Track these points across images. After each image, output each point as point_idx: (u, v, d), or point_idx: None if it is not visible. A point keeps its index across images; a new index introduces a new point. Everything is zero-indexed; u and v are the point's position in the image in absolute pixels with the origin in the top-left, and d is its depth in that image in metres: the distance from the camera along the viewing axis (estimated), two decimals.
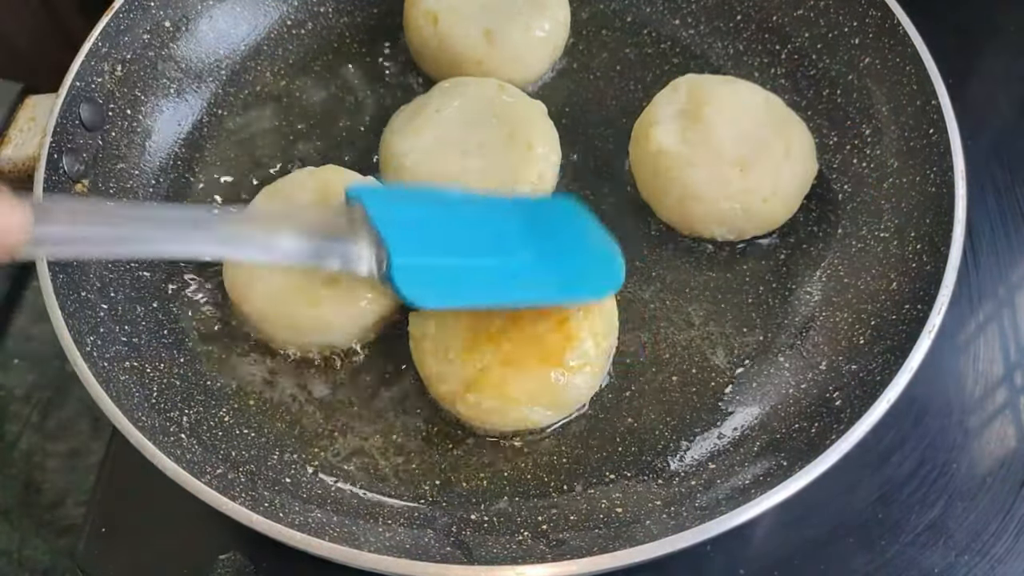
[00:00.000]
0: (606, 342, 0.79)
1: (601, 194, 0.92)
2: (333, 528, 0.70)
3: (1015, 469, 0.83)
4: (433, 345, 0.77)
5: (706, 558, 0.78)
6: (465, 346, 0.76)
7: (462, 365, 0.75)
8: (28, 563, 0.89)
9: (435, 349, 0.77)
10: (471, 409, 0.76)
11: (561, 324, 0.76)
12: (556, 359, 0.75)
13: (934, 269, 0.76)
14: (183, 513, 0.78)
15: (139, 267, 0.86)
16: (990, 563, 0.78)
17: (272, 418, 0.81)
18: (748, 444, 0.78)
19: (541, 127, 0.90)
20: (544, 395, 0.75)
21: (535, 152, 0.88)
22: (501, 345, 0.75)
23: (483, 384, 0.75)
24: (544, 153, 0.89)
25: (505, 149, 0.87)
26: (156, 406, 0.75)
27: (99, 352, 0.75)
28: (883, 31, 0.89)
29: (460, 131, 0.88)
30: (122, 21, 0.90)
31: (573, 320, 0.76)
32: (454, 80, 0.93)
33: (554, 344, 0.75)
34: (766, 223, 0.88)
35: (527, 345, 0.75)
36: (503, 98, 0.91)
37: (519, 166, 0.87)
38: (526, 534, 0.73)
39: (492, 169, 0.86)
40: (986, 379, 0.88)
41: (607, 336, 0.79)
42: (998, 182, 0.99)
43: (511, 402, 0.75)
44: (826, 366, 0.80)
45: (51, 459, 0.94)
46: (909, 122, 0.86)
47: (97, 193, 0.85)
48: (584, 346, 0.76)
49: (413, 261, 0.72)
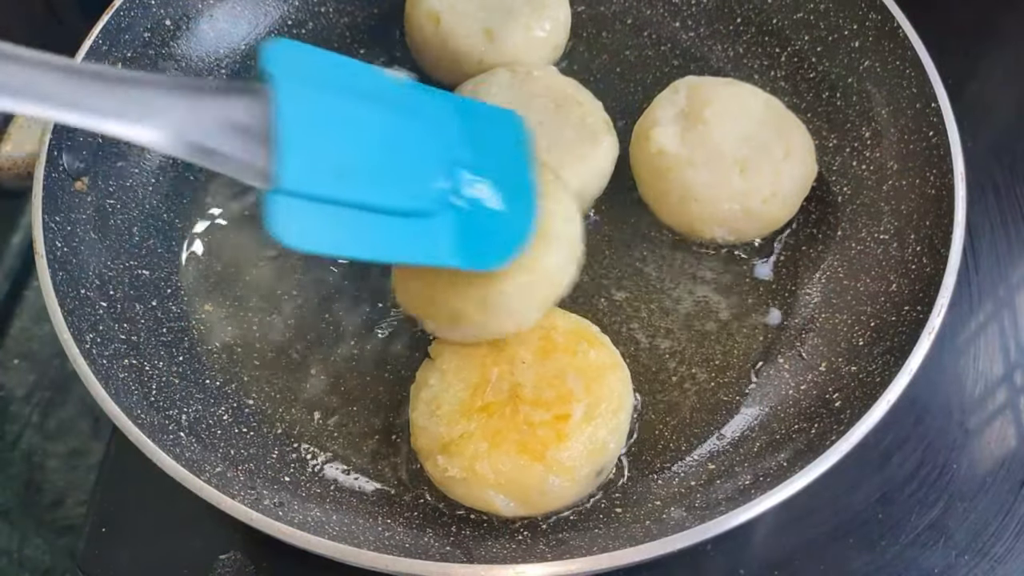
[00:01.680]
0: (601, 456, 0.72)
1: (602, 195, 0.92)
2: (332, 526, 0.70)
3: (1015, 469, 0.83)
4: (429, 394, 0.74)
5: (706, 558, 0.78)
6: (457, 407, 0.72)
7: (446, 425, 0.71)
8: (28, 563, 0.88)
9: (429, 399, 0.73)
10: (438, 472, 0.72)
11: (559, 419, 0.71)
12: (537, 452, 0.70)
13: (934, 271, 0.76)
14: (183, 513, 0.78)
15: (139, 265, 0.86)
16: (990, 563, 0.78)
17: (271, 416, 0.81)
18: (748, 445, 0.78)
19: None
20: (512, 485, 0.70)
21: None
22: (492, 417, 0.71)
23: (456, 452, 0.70)
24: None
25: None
26: (155, 404, 0.75)
27: (98, 350, 0.75)
28: (883, 34, 0.89)
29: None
30: (123, 19, 0.90)
31: (573, 420, 0.71)
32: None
33: (542, 436, 0.70)
34: (766, 225, 0.88)
35: (516, 428, 0.70)
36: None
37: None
38: (526, 533, 0.73)
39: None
40: (986, 379, 0.88)
41: (601, 450, 0.72)
42: (998, 182, 1.00)
43: (478, 480, 0.70)
44: (826, 367, 0.81)
45: (51, 459, 0.93)
46: (909, 125, 0.86)
47: (97, 191, 0.85)
48: (572, 450, 0.70)
49: (297, 197, 0.57)
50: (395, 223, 0.63)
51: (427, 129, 0.66)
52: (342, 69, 0.64)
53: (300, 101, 0.58)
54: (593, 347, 0.75)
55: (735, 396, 0.82)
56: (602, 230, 0.91)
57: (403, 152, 0.64)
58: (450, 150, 0.67)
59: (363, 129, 0.62)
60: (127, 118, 0.53)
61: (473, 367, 0.74)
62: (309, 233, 0.58)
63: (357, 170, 0.61)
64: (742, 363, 0.83)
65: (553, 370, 0.73)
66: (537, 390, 0.72)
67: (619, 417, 0.73)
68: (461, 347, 0.75)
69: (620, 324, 0.85)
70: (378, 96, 0.64)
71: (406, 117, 0.65)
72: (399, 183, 0.63)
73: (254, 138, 0.56)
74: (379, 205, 0.62)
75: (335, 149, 0.59)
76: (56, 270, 0.76)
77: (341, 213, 0.60)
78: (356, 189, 0.60)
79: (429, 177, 0.65)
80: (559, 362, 0.73)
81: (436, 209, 0.65)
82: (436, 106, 0.69)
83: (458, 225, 0.66)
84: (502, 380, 0.73)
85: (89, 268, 0.81)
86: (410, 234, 0.64)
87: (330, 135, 0.59)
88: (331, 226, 0.60)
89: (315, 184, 0.58)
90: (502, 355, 0.74)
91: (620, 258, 0.89)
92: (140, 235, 0.89)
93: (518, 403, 0.71)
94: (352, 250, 0.64)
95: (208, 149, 0.56)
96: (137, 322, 0.82)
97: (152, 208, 0.91)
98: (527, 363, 0.73)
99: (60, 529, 0.90)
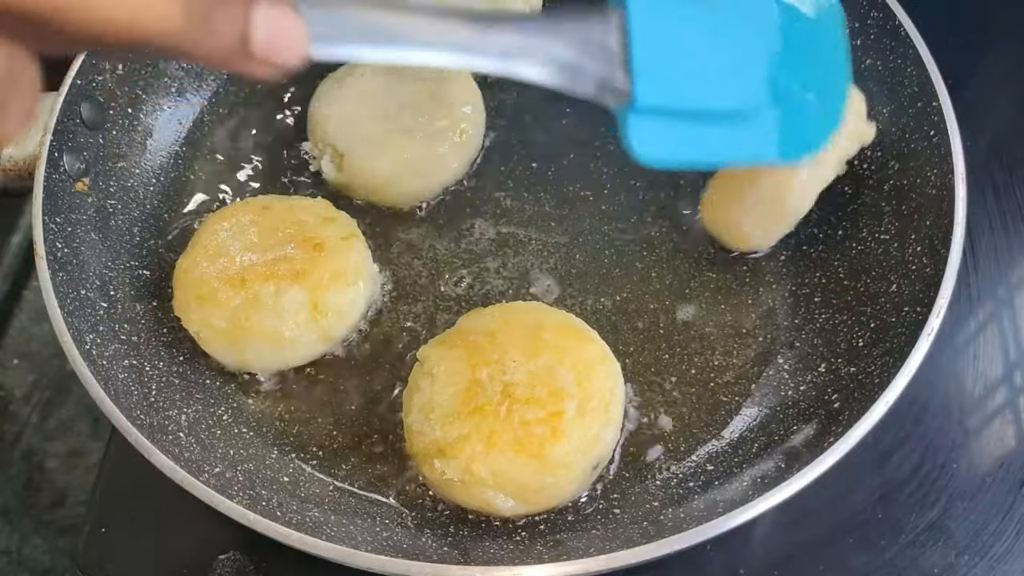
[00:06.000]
0: (596, 448, 0.73)
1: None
2: (331, 527, 0.70)
3: (1015, 469, 0.82)
4: (421, 399, 0.74)
5: (706, 558, 0.77)
6: (450, 410, 0.72)
7: (441, 428, 0.72)
8: (28, 563, 0.89)
9: (422, 403, 0.74)
10: (435, 475, 0.72)
11: (553, 416, 0.71)
12: (533, 451, 0.70)
13: (934, 272, 0.76)
14: (183, 513, 0.78)
15: (139, 265, 0.86)
16: (990, 563, 0.78)
17: (271, 417, 0.81)
18: (747, 446, 0.78)
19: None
20: (510, 485, 0.70)
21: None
22: (486, 418, 0.71)
23: (452, 455, 0.70)
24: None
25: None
26: (155, 404, 0.75)
27: (98, 350, 0.75)
28: (884, 32, 0.88)
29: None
30: None
31: (567, 416, 0.71)
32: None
33: (538, 434, 0.70)
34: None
35: (511, 427, 0.71)
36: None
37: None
38: (523, 534, 0.73)
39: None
40: (986, 379, 0.88)
41: (596, 443, 0.72)
42: (998, 182, 0.99)
43: (476, 481, 0.70)
44: (825, 368, 0.80)
45: (51, 459, 0.94)
46: (910, 124, 0.86)
47: (97, 191, 0.86)
48: (568, 446, 0.71)
49: (651, 113, 0.62)
50: (729, 126, 0.66)
51: (754, 28, 0.68)
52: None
53: (648, 18, 0.61)
54: (582, 342, 0.76)
55: (734, 397, 0.81)
56: (602, 229, 0.91)
57: (737, 55, 0.66)
58: (774, 45, 0.67)
59: (702, 37, 0.65)
60: (513, 57, 0.59)
61: (463, 369, 0.74)
62: (662, 147, 0.64)
63: (701, 78, 0.64)
64: (741, 363, 0.83)
65: (544, 367, 0.73)
66: (529, 388, 0.72)
67: (612, 410, 0.74)
68: (449, 350, 0.75)
69: (620, 324, 0.85)
70: (709, 2, 0.67)
71: (735, 19, 0.67)
72: (738, 86, 0.66)
73: (611, 58, 0.61)
74: (722, 109, 0.65)
75: (681, 60, 0.63)
76: (56, 271, 0.76)
77: (686, 123, 0.64)
78: (702, 96, 0.64)
79: (760, 76, 0.67)
80: (549, 359, 0.74)
81: (764, 107, 0.67)
82: (757, 3, 0.69)
83: (781, 120, 0.67)
84: (493, 380, 0.73)
85: (89, 269, 0.81)
86: (741, 134, 0.67)
87: (675, 47, 0.63)
88: (679, 137, 0.64)
89: (666, 95, 0.62)
90: (491, 355, 0.74)
91: (619, 257, 0.89)
92: (141, 235, 0.89)
93: (511, 402, 0.72)
94: (698, 156, 0.67)
95: (578, 69, 0.60)
96: (137, 322, 0.82)
97: (153, 208, 0.91)
98: (517, 362, 0.73)
99: (60, 529, 0.90)
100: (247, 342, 0.79)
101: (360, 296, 0.83)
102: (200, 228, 0.84)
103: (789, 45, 0.67)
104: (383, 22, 0.54)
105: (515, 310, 0.80)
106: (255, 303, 0.78)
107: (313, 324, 0.80)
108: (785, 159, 0.69)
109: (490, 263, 0.89)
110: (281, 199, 0.87)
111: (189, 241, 0.84)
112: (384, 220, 0.92)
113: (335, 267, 0.81)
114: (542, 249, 0.90)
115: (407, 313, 0.86)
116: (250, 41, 0.44)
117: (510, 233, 0.91)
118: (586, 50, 0.60)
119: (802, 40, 0.68)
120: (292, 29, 0.47)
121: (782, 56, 0.67)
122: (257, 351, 0.80)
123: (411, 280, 0.89)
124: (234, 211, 0.85)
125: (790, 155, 0.69)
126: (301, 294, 0.79)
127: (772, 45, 0.67)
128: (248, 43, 0.44)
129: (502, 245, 0.90)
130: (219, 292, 0.79)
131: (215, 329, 0.79)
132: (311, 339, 0.81)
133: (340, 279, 0.81)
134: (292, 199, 0.87)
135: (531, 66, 0.59)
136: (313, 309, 0.80)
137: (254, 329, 0.78)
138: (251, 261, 0.81)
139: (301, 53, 0.47)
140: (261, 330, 0.78)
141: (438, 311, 0.87)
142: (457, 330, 0.78)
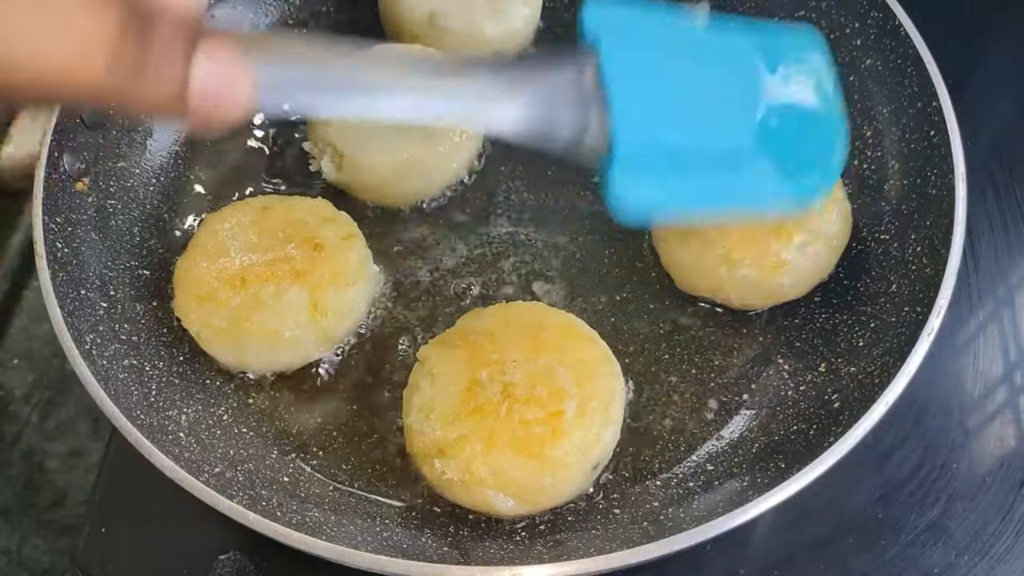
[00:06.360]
0: (596, 449, 0.72)
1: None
2: (330, 527, 0.70)
3: (1015, 469, 0.83)
4: (421, 399, 0.74)
5: (706, 558, 0.77)
6: (450, 410, 0.72)
7: (441, 429, 0.71)
8: (28, 563, 0.89)
9: (422, 404, 0.74)
10: (435, 475, 0.72)
11: (553, 416, 0.71)
12: (533, 451, 0.70)
13: (934, 272, 0.76)
14: (183, 513, 0.77)
15: (139, 265, 0.86)
16: (990, 563, 0.78)
17: (271, 417, 0.81)
18: (746, 446, 0.78)
19: None
20: (510, 485, 0.70)
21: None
22: (486, 418, 0.71)
23: (452, 455, 0.70)
24: None
25: None
26: (155, 404, 0.75)
27: (98, 350, 0.75)
28: (884, 32, 0.89)
29: None
30: None
31: (567, 416, 0.71)
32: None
33: (538, 434, 0.70)
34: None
35: (511, 427, 0.70)
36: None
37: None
38: (523, 534, 0.73)
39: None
40: (986, 379, 0.88)
41: (596, 443, 0.72)
42: (998, 182, 0.99)
43: (476, 481, 0.70)
44: (825, 368, 0.80)
45: (51, 459, 0.93)
46: (910, 124, 0.86)
47: (97, 192, 0.85)
48: (568, 446, 0.71)
49: (635, 171, 0.61)
50: (719, 171, 0.65)
51: (735, 67, 0.67)
52: (652, 23, 0.66)
53: (622, 64, 0.60)
54: (581, 342, 0.76)
55: (734, 397, 0.81)
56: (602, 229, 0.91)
57: (718, 95, 0.65)
58: (757, 83, 0.67)
59: (679, 80, 0.64)
60: (488, 100, 0.58)
61: (462, 369, 0.74)
62: (648, 197, 0.62)
63: (681, 121, 0.63)
64: (741, 363, 0.83)
65: (544, 367, 0.73)
66: (529, 388, 0.72)
67: (612, 410, 0.74)
68: (449, 349, 0.75)
69: (620, 324, 0.85)
70: (686, 44, 0.66)
71: (715, 60, 0.67)
72: (718, 126, 0.65)
73: (586, 106, 0.59)
74: (703, 148, 0.64)
75: (658, 104, 0.62)
76: (56, 271, 0.76)
77: (670, 170, 0.62)
78: (681, 136, 0.63)
79: (743, 114, 0.65)
80: (549, 359, 0.74)
81: (753, 147, 0.65)
82: (739, 42, 0.69)
83: (773, 167, 0.66)
84: (493, 380, 0.73)
85: (89, 268, 0.81)
86: (734, 179, 0.65)
87: (652, 91, 0.62)
88: (664, 186, 0.63)
89: (644, 135, 0.61)
90: (491, 355, 0.74)
91: (619, 257, 0.89)
92: (141, 235, 0.89)
93: (511, 402, 0.71)
94: (686, 205, 0.66)
95: (552, 121, 0.59)
96: (137, 322, 0.82)
97: (153, 208, 0.91)
98: (517, 362, 0.73)
99: (60, 529, 0.90)
100: (247, 342, 0.79)
101: (360, 296, 0.83)
102: (200, 228, 0.84)
103: (770, 82, 0.66)
104: (342, 69, 0.52)
105: (515, 310, 0.80)
106: (255, 303, 0.78)
107: (313, 324, 0.80)
108: (781, 207, 0.68)
109: (490, 263, 0.89)
110: (281, 199, 0.87)
111: (189, 241, 0.84)
112: (384, 220, 0.92)
113: (335, 267, 0.81)
114: (542, 249, 0.90)
115: (407, 313, 0.87)
116: (187, 94, 0.44)
117: (510, 233, 0.91)
118: (560, 94, 0.59)
119: (785, 74, 0.67)
120: (236, 80, 0.46)
121: (768, 101, 0.65)
122: (257, 351, 0.80)
123: (411, 280, 0.89)
124: (234, 211, 0.85)
125: (787, 202, 0.68)
126: (301, 294, 0.79)
127: (752, 84, 0.65)
128: (185, 97, 0.44)
129: (502, 245, 0.90)
130: (219, 292, 0.79)
131: (215, 329, 0.79)
132: (311, 339, 0.81)
133: (340, 279, 0.81)
134: (292, 199, 0.87)
135: (502, 111, 0.58)
136: (313, 309, 0.80)
137: (254, 329, 0.78)
138: (251, 261, 0.81)
139: (245, 106, 0.46)
140: (261, 330, 0.78)
141: (438, 311, 0.87)
142: (457, 330, 0.78)
